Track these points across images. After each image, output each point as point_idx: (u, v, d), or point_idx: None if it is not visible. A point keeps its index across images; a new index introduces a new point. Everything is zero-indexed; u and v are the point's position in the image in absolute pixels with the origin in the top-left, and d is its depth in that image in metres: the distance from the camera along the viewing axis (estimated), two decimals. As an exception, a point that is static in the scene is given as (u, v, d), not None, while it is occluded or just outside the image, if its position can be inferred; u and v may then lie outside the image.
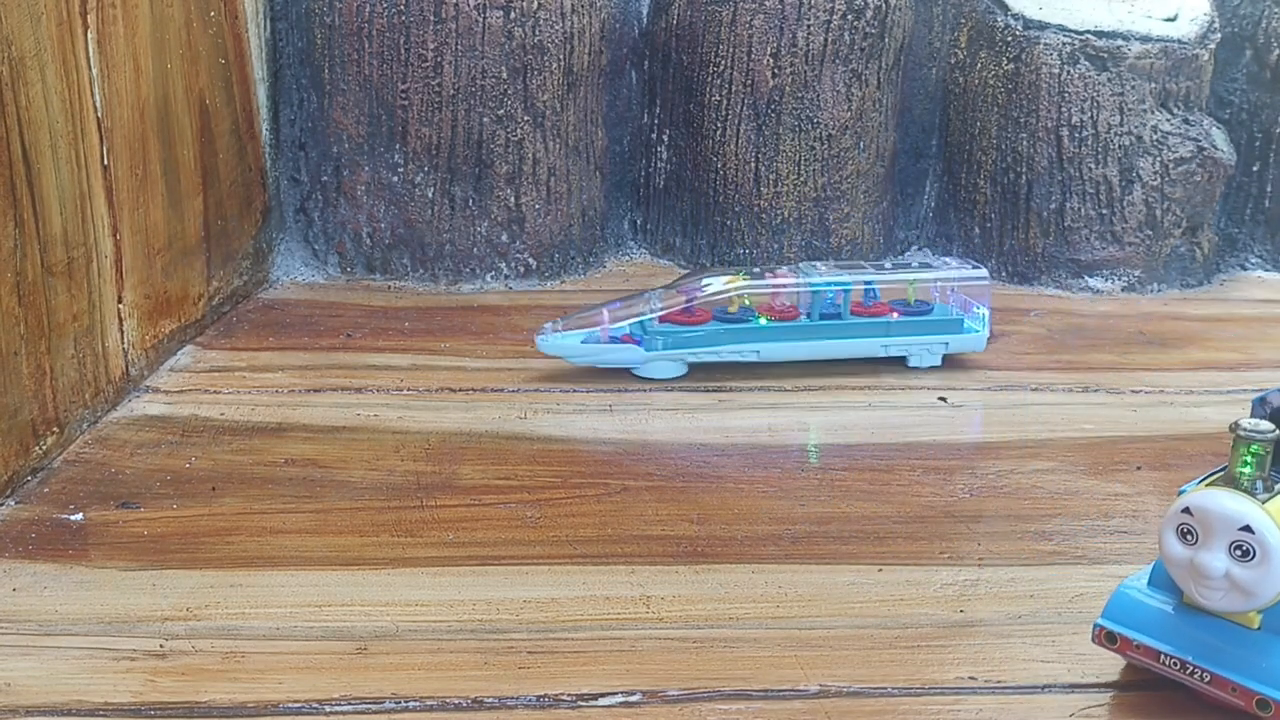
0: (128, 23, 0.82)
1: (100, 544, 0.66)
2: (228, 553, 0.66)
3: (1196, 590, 0.52)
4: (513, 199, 1.08)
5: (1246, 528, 0.50)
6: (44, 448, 0.74)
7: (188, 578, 0.63)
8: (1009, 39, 1.11)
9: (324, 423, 0.82)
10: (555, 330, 0.89)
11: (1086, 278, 1.12)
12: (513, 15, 1.04)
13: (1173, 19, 1.12)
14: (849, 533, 0.70)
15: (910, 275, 0.94)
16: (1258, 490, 0.51)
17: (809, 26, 1.08)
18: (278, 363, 0.91)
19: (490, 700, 0.54)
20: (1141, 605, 0.55)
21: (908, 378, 0.91)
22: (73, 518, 0.69)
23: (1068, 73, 1.09)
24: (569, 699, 0.55)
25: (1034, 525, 0.71)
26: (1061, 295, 1.11)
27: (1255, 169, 1.19)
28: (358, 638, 0.59)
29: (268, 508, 0.71)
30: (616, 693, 0.55)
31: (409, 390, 0.87)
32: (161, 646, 0.58)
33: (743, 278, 0.91)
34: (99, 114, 0.79)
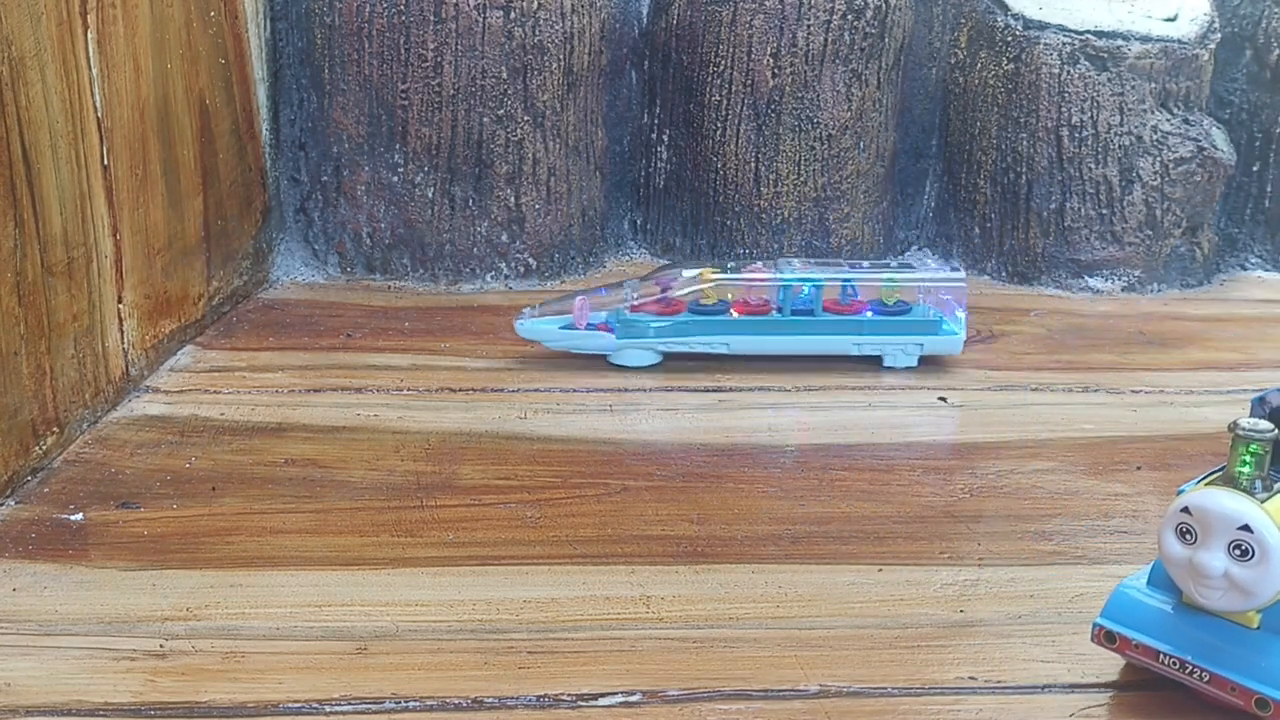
0: (128, 23, 0.82)
1: (100, 544, 0.66)
2: (228, 553, 0.66)
3: (1195, 590, 0.52)
4: (513, 199, 1.08)
5: (1245, 527, 0.50)
6: (44, 448, 0.74)
7: (188, 578, 0.63)
8: (1009, 39, 1.11)
9: (324, 423, 0.82)
10: (533, 315, 0.91)
11: (1086, 278, 1.12)
12: (513, 15, 1.04)
13: (1173, 19, 1.12)
14: (849, 533, 0.70)
15: (886, 275, 0.93)
16: (1257, 490, 0.51)
17: (809, 26, 1.08)
18: (278, 363, 0.91)
19: (490, 700, 0.55)
20: (1141, 605, 0.55)
21: (908, 378, 0.91)
22: (73, 518, 0.69)
23: (1068, 73, 1.09)
24: (569, 699, 0.55)
25: (1034, 525, 0.71)
26: (1061, 295, 1.11)
27: (1255, 169, 1.19)
28: (358, 638, 0.59)
29: (268, 508, 0.71)
30: (616, 693, 0.55)
31: (409, 390, 0.87)
32: (161, 646, 0.58)
33: (717, 271, 0.92)
34: (99, 114, 0.79)
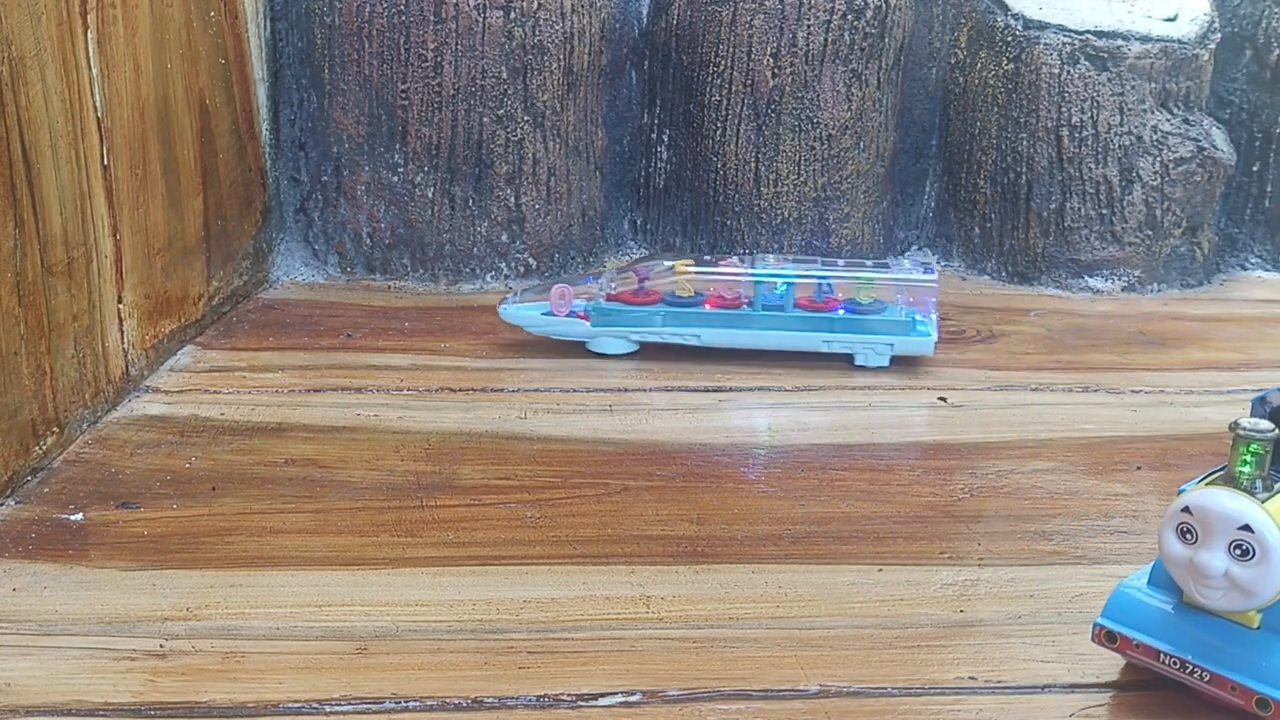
0: (128, 23, 0.82)
1: (100, 544, 0.66)
2: (228, 553, 0.66)
3: (1196, 589, 0.52)
4: (513, 199, 1.08)
5: (1246, 527, 0.50)
6: (44, 448, 0.74)
7: (188, 578, 0.63)
8: (1009, 39, 1.11)
9: (324, 423, 0.82)
10: (516, 301, 0.93)
11: (1086, 278, 1.12)
12: (513, 15, 1.04)
13: (1173, 19, 1.12)
14: (849, 533, 0.70)
15: (857, 274, 0.94)
16: (1257, 489, 0.51)
17: (809, 26, 1.08)
18: (278, 363, 0.91)
19: (490, 700, 0.55)
20: (1141, 604, 0.55)
21: (908, 378, 0.91)
22: (73, 518, 0.69)
23: (1068, 73, 1.09)
24: (569, 699, 0.55)
25: (1034, 525, 0.71)
26: (1061, 295, 1.11)
27: (1255, 169, 1.19)
28: (358, 638, 0.59)
29: (268, 508, 0.71)
30: (616, 693, 0.55)
31: (409, 390, 0.87)
32: (161, 646, 0.58)
33: (694, 264, 0.94)
34: (99, 114, 0.79)
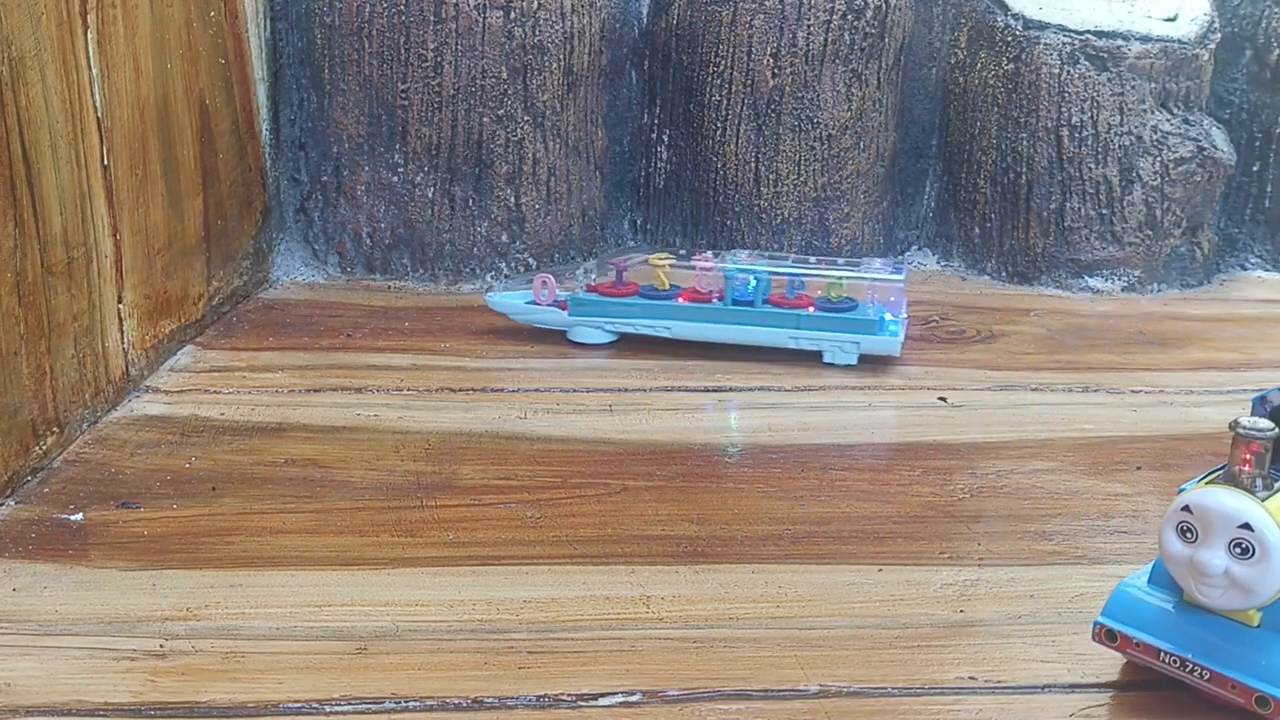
0: (128, 23, 0.82)
1: (100, 544, 0.66)
2: (228, 553, 0.66)
3: (1196, 588, 0.52)
4: (513, 199, 1.08)
5: (1246, 525, 0.50)
6: (44, 448, 0.74)
7: (188, 578, 0.63)
8: (1009, 39, 1.11)
9: (324, 423, 0.82)
10: (503, 290, 0.99)
11: (1086, 278, 1.12)
12: (513, 15, 1.04)
13: (1173, 19, 1.12)
14: (849, 533, 0.70)
15: (823, 271, 0.96)
16: (1257, 488, 0.51)
17: (809, 26, 1.08)
18: (278, 363, 0.91)
19: (490, 700, 0.54)
20: (1141, 603, 0.55)
21: (908, 378, 0.91)
22: (73, 518, 0.69)
23: (1068, 73, 1.09)
24: (569, 699, 0.55)
25: (1034, 525, 0.71)
26: (1061, 295, 1.11)
27: (1255, 169, 1.19)
28: (358, 638, 0.59)
29: (268, 508, 0.71)
30: (616, 693, 0.55)
31: (409, 390, 0.87)
32: (161, 646, 0.58)
33: (671, 257, 0.97)
34: (99, 114, 0.79)
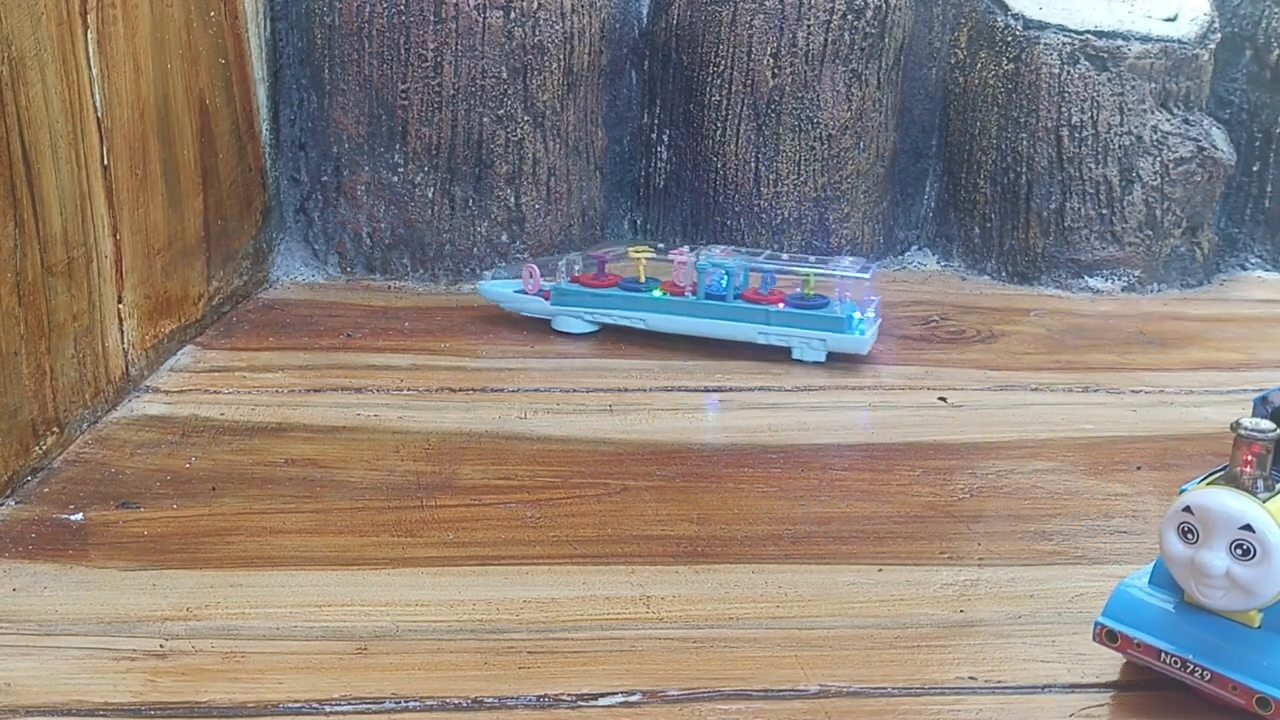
0: (128, 23, 0.82)
1: (100, 544, 0.66)
2: (228, 553, 0.66)
3: (1197, 589, 0.52)
4: (513, 199, 1.08)
5: (1247, 526, 0.50)
6: (44, 448, 0.74)
7: (188, 578, 0.63)
8: (1009, 39, 1.11)
9: (324, 423, 0.82)
10: (494, 278, 1.01)
11: (1086, 278, 1.12)
12: (513, 15, 1.04)
13: (1173, 19, 1.12)
14: (849, 533, 0.70)
15: (789, 268, 0.96)
16: (1258, 489, 0.51)
17: (809, 26, 1.08)
18: (278, 363, 0.91)
19: (490, 700, 0.54)
20: (1142, 604, 0.55)
21: (909, 378, 0.91)
22: (73, 518, 0.69)
23: (1068, 73, 1.09)
24: (569, 699, 0.55)
25: (1034, 525, 0.71)
26: (1061, 295, 1.11)
27: (1255, 169, 1.19)
28: (358, 638, 0.59)
29: (268, 508, 0.71)
30: (616, 693, 0.55)
31: (409, 390, 0.87)
32: (161, 646, 0.58)
33: (650, 251, 0.99)
34: (99, 114, 0.79)
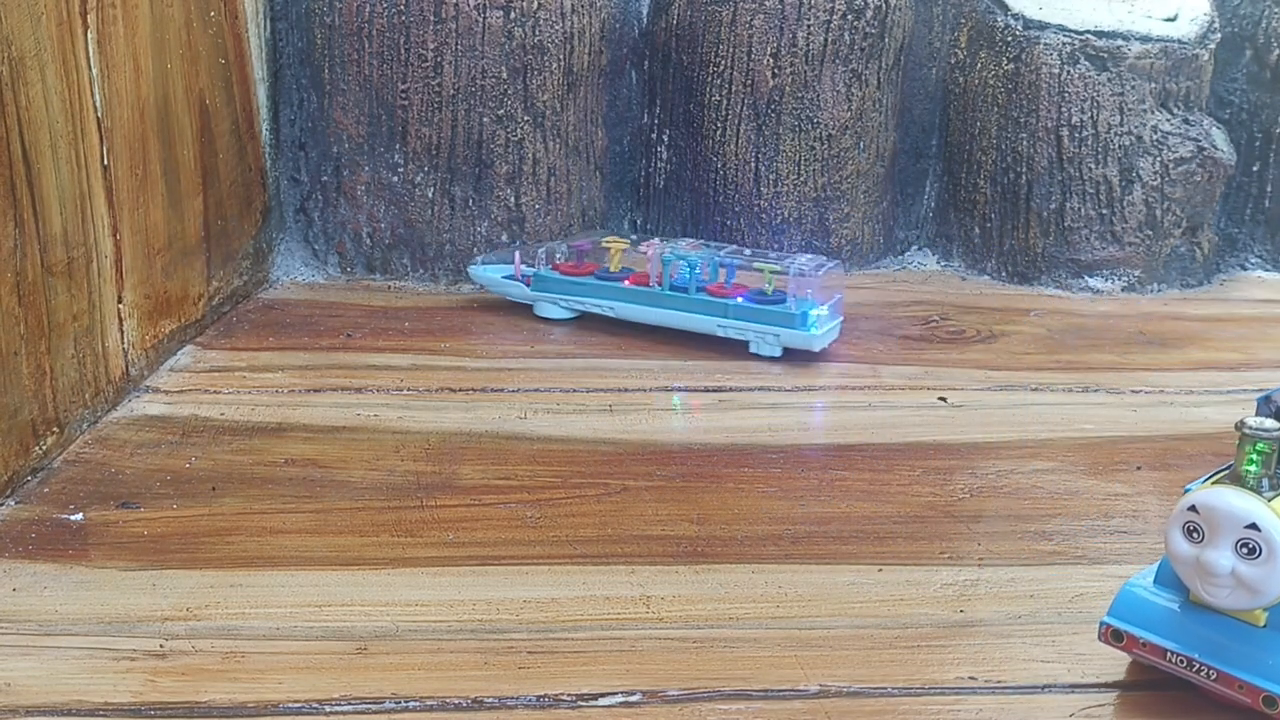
0: (128, 23, 0.82)
1: (100, 544, 0.66)
2: (228, 553, 0.66)
3: (1203, 588, 0.52)
4: (513, 199, 1.08)
5: (1253, 526, 0.50)
6: (44, 448, 0.74)
7: (188, 578, 0.63)
8: (1009, 39, 1.11)
9: (324, 423, 0.82)
10: (485, 262, 1.04)
11: (1086, 278, 1.12)
12: (513, 15, 1.04)
13: (1173, 19, 1.12)
14: (849, 533, 0.70)
15: (753, 262, 0.98)
16: (1264, 488, 0.51)
17: (809, 26, 1.08)
18: (278, 363, 0.91)
19: (490, 700, 0.54)
20: (1148, 603, 0.55)
21: (908, 378, 0.91)
22: (73, 518, 0.69)
23: (1068, 73, 1.09)
24: (569, 699, 0.55)
25: (1034, 525, 0.71)
26: (1061, 295, 1.11)
27: (1255, 169, 1.19)
28: (358, 638, 0.59)
29: (268, 508, 0.71)
30: (616, 693, 0.55)
31: (409, 390, 0.87)
32: (161, 646, 0.58)
33: (625, 242, 1.01)
34: (99, 114, 0.79)
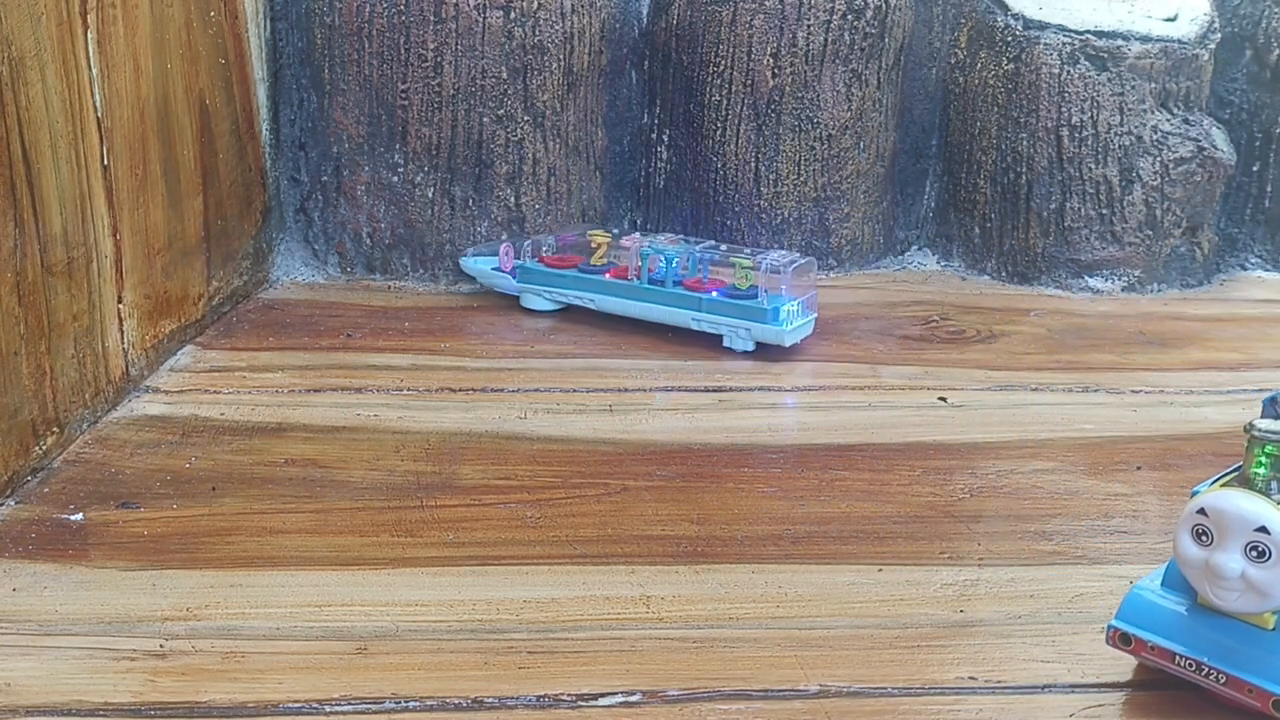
0: (128, 23, 0.82)
1: (100, 544, 0.66)
2: (228, 553, 0.66)
3: (1211, 591, 0.52)
4: (513, 199, 1.08)
5: (1262, 528, 0.50)
6: (44, 448, 0.74)
7: (188, 578, 0.63)
8: (1009, 39, 1.11)
9: (324, 423, 0.82)
10: (476, 254, 1.05)
11: (1086, 278, 1.12)
12: (513, 15, 1.04)
13: (1173, 19, 1.12)
14: (849, 533, 0.70)
15: (725, 256, 0.99)
16: (1273, 491, 0.51)
17: (809, 26, 1.08)
18: (278, 363, 0.91)
19: (490, 700, 0.54)
20: (1156, 607, 0.54)
21: (908, 378, 0.91)
22: (73, 518, 0.69)
23: (1068, 73, 1.09)
24: (569, 699, 0.55)
25: (1034, 525, 0.71)
26: (1061, 295, 1.11)
27: (1255, 169, 1.19)
28: (358, 638, 0.59)
29: (268, 508, 0.71)
30: (616, 693, 0.55)
31: (409, 390, 0.87)
32: (161, 646, 0.58)
33: (608, 235, 1.02)
34: (99, 114, 0.79)
